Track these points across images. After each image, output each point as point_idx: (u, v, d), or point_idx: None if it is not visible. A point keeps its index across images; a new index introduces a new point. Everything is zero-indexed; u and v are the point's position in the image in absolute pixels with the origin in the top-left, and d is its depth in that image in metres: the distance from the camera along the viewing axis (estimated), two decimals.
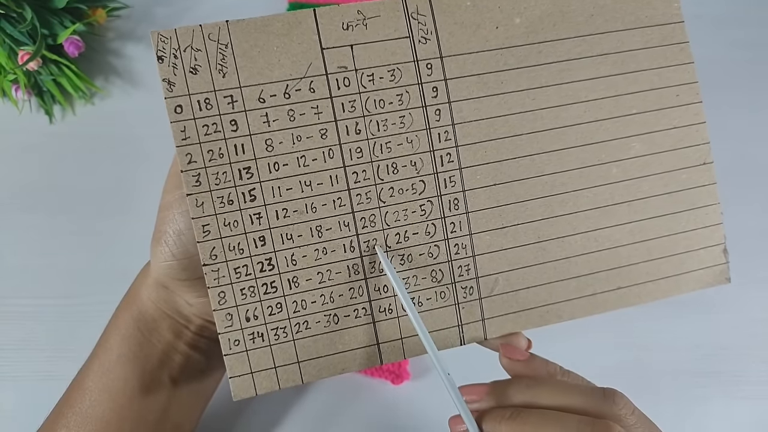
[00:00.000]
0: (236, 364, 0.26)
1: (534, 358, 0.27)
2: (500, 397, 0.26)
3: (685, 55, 0.29)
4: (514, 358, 0.27)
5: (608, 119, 0.28)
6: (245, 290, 0.26)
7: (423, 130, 0.27)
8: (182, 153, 0.25)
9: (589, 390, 0.25)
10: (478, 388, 0.26)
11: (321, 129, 0.26)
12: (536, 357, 0.27)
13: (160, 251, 0.28)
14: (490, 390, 0.26)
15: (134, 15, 0.50)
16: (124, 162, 0.47)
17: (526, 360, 0.27)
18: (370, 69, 0.26)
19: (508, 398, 0.26)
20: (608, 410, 0.24)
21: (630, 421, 0.24)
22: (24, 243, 0.45)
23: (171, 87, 0.25)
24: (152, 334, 0.31)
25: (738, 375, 0.45)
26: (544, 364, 0.27)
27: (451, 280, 0.28)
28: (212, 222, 0.25)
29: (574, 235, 0.28)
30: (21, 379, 0.43)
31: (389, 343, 0.27)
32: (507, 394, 0.26)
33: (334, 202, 0.26)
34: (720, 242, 0.30)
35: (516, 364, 0.27)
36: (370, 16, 0.26)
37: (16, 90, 0.45)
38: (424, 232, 0.27)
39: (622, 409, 0.25)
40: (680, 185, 0.29)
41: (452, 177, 0.27)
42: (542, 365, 0.27)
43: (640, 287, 0.29)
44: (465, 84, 0.27)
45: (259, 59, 0.25)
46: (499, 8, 0.27)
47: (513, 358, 0.27)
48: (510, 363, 0.27)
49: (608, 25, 0.28)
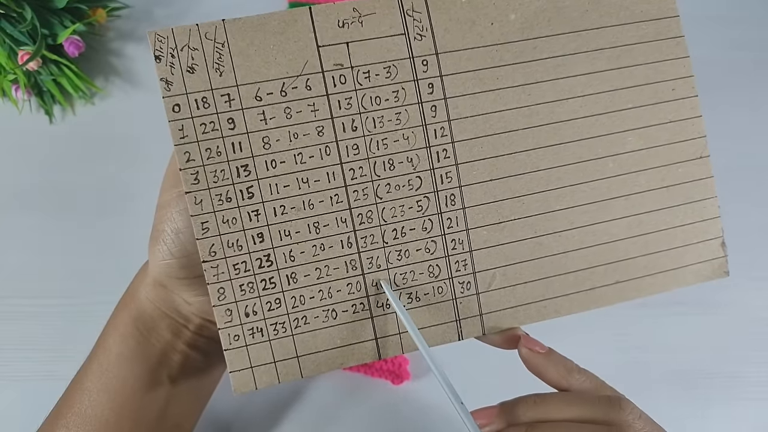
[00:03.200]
0: (236, 358, 0.26)
1: (553, 352, 0.27)
2: (510, 416, 0.26)
3: (681, 49, 0.29)
4: (535, 350, 0.27)
5: (604, 114, 0.28)
6: (244, 286, 0.26)
7: (419, 127, 0.27)
8: (180, 151, 0.25)
9: (596, 399, 0.26)
10: (488, 411, 0.27)
11: (318, 126, 0.26)
12: (554, 352, 0.27)
13: (158, 250, 0.28)
14: (499, 411, 0.26)
15: (134, 15, 0.50)
16: (124, 162, 0.47)
17: (546, 353, 0.27)
18: (366, 66, 0.26)
19: (518, 417, 0.26)
20: (616, 417, 0.25)
21: (638, 425, 0.25)
22: (24, 243, 0.46)
23: (168, 86, 0.25)
24: (151, 334, 0.31)
25: (737, 376, 0.45)
26: (562, 359, 0.27)
27: (449, 275, 0.28)
28: (211, 219, 0.26)
29: (571, 229, 0.28)
30: (21, 379, 0.43)
31: (387, 338, 0.27)
32: (517, 413, 0.26)
33: (331, 199, 0.26)
34: (718, 236, 0.30)
35: (536, 356, 0.27)
36: (365, 14, 0.26)
37: (16, 90, 0.45)
38: (421, 228, 0.27)
39: (629, 415, 0.25)
40: (677, 179, 0.29)
41: (449, 173, 0.27)
42: (560, 360, 0.27)
43: (638, 281, 0.29)
44: (460, 80, 0.27)
45: (256, 57, 0.25)
46: (494, 5, 0.27)
47: (533, 349, 0.27)
48: (530, 354, 0.27)
49: (603, 21, 0.28)
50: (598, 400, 0.26)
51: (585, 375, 0.27)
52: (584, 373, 0.27)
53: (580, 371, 0.27)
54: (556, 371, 0.27)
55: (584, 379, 0.27)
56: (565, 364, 0.27)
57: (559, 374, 0.27)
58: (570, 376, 0.27)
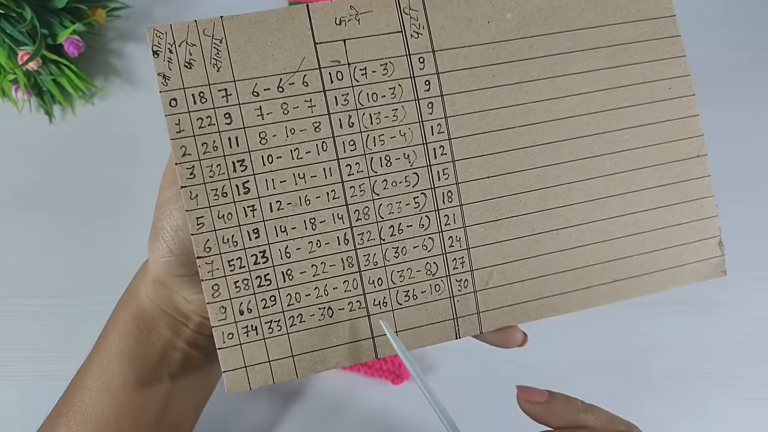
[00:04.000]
0: (230, 357, 0.26)
1: (554, 398, 0.26)
2: None
3: (678, 49, 0.29)
4: (534, 401, 0.26)
5: (601, 112, 0.28)
6: (239, 283, 0.26)
7: (416, 123, 0.27)
8: (177, 146, 0.25)
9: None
10: None
11: (314, 122, 0.26)
12: (556, 396, 0.26)
13: (158, 247, 0.28)
14: None
15: (134, 15, 0.50)
16: (124, 162, 0.47)
17: (545, 401, 0.26)
18: (362, 63, 0.26)
19: None
20: None
21: None
22: (24, 243, 0.46)
23: (166, 81, 0.25)
24: (151, 332, 0.31)
25: (736, 375, 0.45)
26: (565, 402, 0.26)
27: (446, 273, 0.28)
28: (206, 214, 0.26)
29: (568, 227, 0.28)
30: (21, 378, 0.44)
31: (384, 336, 0.27)
32: None
33: (327, 195, 0.26)
34: (715, 235, 0.29)
35: (536, 407, 0.26)
36: (362, 12, 0.26)
37: (16, 90, 0.45)
38: (418, 225, 0.27)
39: None
40: (674, 177, 0.29)
41: (445, 169, 0.27)
42: (563, 404, 0.26)
43: (636, 280, 0.29)
44: (457, 77, 0.27)
45: (253, 54, 0.25)
46: (491, 3, 0.27)
47: (532, 401, 0.26)
48: (530, 406, 0.26)
49: (600, 20, 0.28)
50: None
51: (593, 413, 0.26)
52: (591, 411, 0.26)
53: (587, 410, 0.26)
54: (561, 417, 0.26)
55: (593, 418, 0.26)
56: (569, 407, 0.26)
57: (564, 419, 0.26)
58: (576, 417, 0.26)
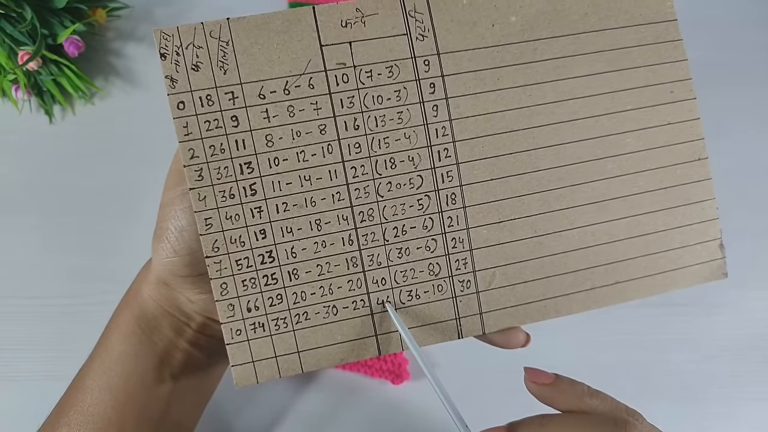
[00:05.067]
0: (238, 353, 0.27)
1: (560, 380, 0.26)
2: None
3: (679, 53, 0.29)
4: (540, 382, 0.26)
5: (604, 115, 0.28)
6: (246, 282, 0.26)
7: (420, 126, 0.27)
8: (185, 148, 0.25)
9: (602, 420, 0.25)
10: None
11: (320, 125, 0.26)
12: (562, 378, 0.27)
13: (162, 248, 0.28)
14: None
15: (134, 15, 0.50)
16: (125, 162, 0.47)
17: (552, 383, 0.26)
18: (368, 65, 0.26)
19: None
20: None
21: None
22: (24, 243, 0.46)
23: (173, 84, 0.25)
24: (153, 332, 0.31)
25: (736, 375, 0.45)
26: (572, 386, 0.26)
27: (449, 274, 0.28)
28: (214, 215, 0.26)
29: (571, 229, 0.29)
30: (22, 379, 0.43)
31: (388, 334, 0.28)
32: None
33: (333, 197, 0.27)
34: (716, 237, 0.30)
35: (543, 388, 0.26)
36: (368, 14, 0.26)
37: (16, 90, 0.45)
38: (421, 226, 0.27)
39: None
40: (675, 180, 0.29)
41: (449, 172, 0.27)
42: (569, 386, 0.26)
43: (638, 282, 0.29)
44: (462, 80, 0.27)
45: (260, 56, 0.26)
46: (495, 7, 0.27)
47: (539, 382, 0.26)
48: (536, 387, 0.26)
49: (602, 24, 0.28)
50: (604, 421, 0.25)
51: (598, 398, 0.26)
52: (597, 396, 0.26)
53: (592, 394, 0.26)
54: (567, 399, 0.26)
55: (598, 403, 0.26)
56: (575, 390, 0.26)
57: (570, 401, 0.26)
58: (581, 401, 0.26)
